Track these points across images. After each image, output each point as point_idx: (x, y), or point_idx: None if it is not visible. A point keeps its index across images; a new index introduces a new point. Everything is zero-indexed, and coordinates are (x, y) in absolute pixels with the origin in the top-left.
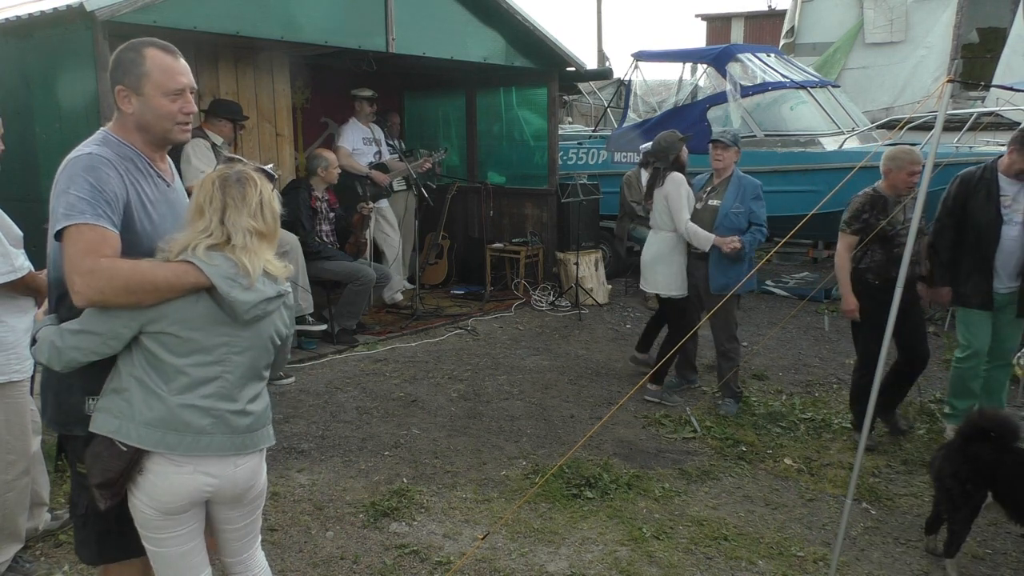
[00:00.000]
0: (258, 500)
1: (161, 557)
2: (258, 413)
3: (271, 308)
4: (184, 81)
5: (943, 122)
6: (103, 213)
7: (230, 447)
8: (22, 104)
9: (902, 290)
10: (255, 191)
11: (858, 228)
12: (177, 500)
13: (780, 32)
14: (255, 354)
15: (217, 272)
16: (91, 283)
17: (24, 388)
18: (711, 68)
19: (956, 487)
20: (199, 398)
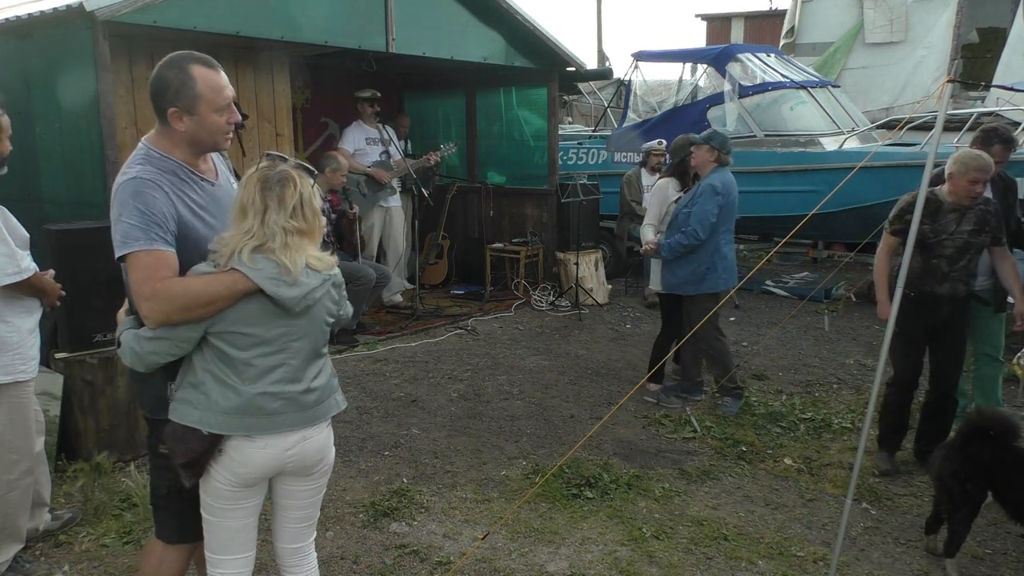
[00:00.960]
0: (327, 474)
1: (218, 528)
2: (323, 386)
3: (319, 295)
4: (230, 95)
5: (943, 122)
6: (156, 236)
7: (301, 422)
8: (22, 104)
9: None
10: (294, 191)
11: (899, 229)
12: (255, 471)
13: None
14: (313, 337)
15: (261, 275)
16: (155, 307)
17: (28, 388)
18: (711, 68)
19: (956, 487)
20: (268, 384)
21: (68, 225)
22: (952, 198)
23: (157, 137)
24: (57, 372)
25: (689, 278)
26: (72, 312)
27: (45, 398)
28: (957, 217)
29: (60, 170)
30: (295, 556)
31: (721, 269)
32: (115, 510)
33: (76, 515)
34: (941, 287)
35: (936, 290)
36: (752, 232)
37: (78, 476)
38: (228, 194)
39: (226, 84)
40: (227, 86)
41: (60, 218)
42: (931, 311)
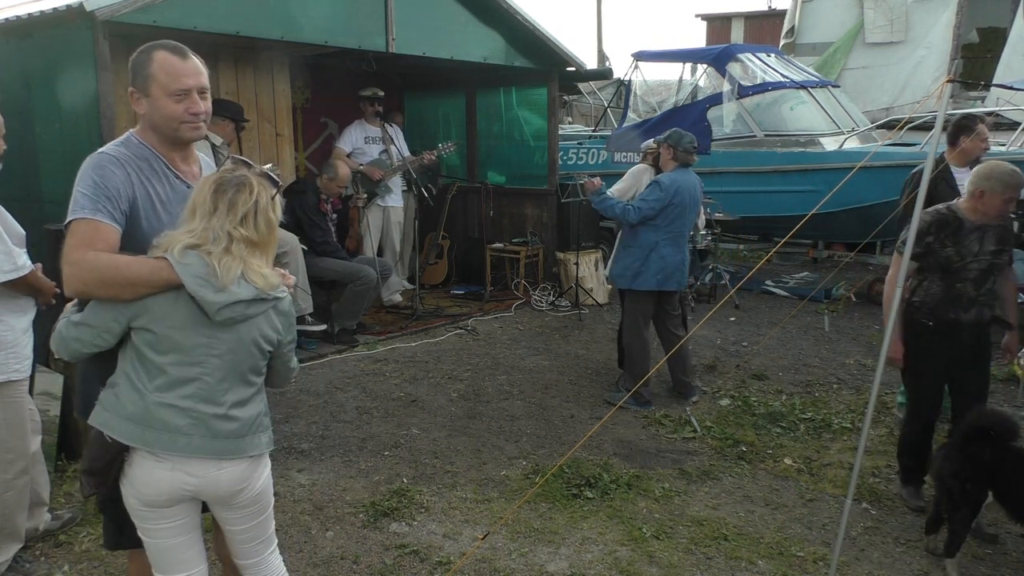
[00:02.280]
0: (255, 505)
1: (151, 547)
2: (245, 419)
3: (251, 312)
4: (188, 83)
5: (943, 122)
6: (102, 208)
7: (210, 451)
8: (22, 104)
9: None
10: (249, 197)
11: (917, 253)
12: (157, 494)
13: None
14: (237, 358)
15: (188, 271)
16: (75, 273)
17: (23, 388)
18: (711, 68)
19: (956, 487)
20: (178, 398)
21: None
22: (977, 216)
23: (138, 125)
24: (57, 372)
25: (624, 272)
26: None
27: (45, 398)
28: (979, 236)
29: (60, 170)
30: (254, 569)
31: (655, 270)
32: None
33: (76, 515)
34: (967, 314)
35: (961, 318)
36: (752, 232)
37: (78, 476)
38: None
39: (188, 72)
40: (188, 73)
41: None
42: (954, 341)
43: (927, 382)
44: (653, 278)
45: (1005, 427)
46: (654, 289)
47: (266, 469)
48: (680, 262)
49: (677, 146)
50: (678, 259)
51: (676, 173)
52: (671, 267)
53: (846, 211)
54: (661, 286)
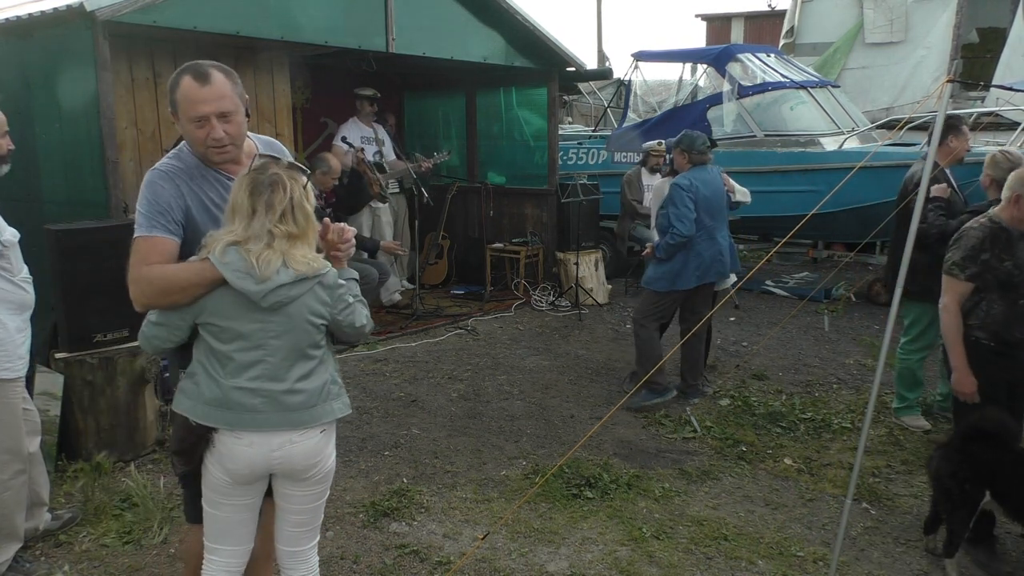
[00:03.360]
0: (323, 483)
1: (216, 520)
2: (312, 390)
3: (295, 293)
4: (204, 109)
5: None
6: (157, 223)
7: (284, 424)
8: (22, 104)
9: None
10: (284, 195)
11: (975, 273)
12: (242, 469)
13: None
14: (294, 336)
15: (228, 267)
16: (136, 291)
17: (16, 387)
18: (711, 68)
19: (955, 487)
20: (247, 380)
21: (68, 225)
22: (1014, 223)
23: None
24: (57, 372)
25: (663, 275)
26: (72, 312)
27: (45, 398)
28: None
29: (60, 170)
30: (293, 559)
31: (694, 267)
32: (115, 510)
33: (76, 515)
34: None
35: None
36: (752, 232)
37: (78, 476)
38: None
39: (204, 98)
40: (205, 100)
41: (60, 218)
42: (1016, 362)
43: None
44: (693, 275)
45: (1005, 428)
46: (695, 285)
47: (334, 448)
48: (717, 252)
49: (691, 150)
50: (713, 251)
51: (692, 172)
52: (708, 261)
53: (846, 211)
54: (701, 280)
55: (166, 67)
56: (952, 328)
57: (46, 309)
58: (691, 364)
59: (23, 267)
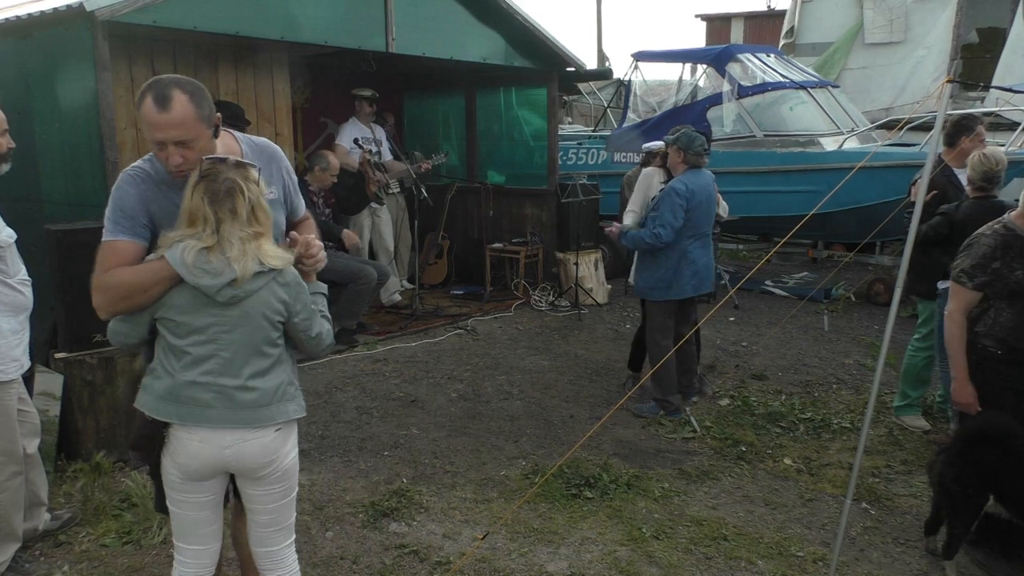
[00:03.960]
0: (283, 484)
1: (177, 518)
2: (266, 389)
3: (251, 287)
4: (160, 136)
5: (943, 122)
6: (120, 227)
7: (234, 420)
8: (22, 104)
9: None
10: (244, 200)
11: (984, 281)
12: (193, 465)
13: (780, 32)
14: (248, 331)
15: (183, 265)
16: (97, 299)
17: (12, 388)
18: (711, 68)
19: (958, 492)
20: (200, 374)
21: (68, 225)
22: None
23: None
24: (57, 372)
25: (657, 284)
26: (72, 312)
27: (45, 398)
28: None
29: (60, 170)
30: (268, 559)
31: (689, 275)
32: (115, 510)
33: (76, 515)
34: None
35: None
36: (752, 232)
37: (78, 476)
38: None
39: (162, 125)
40: (162, 127)
41: (60, 218)
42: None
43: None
44: (688, 285)
45: (1007, 431)
46: (690, 296)
47: (295, 447)
48: (708, 263)
49: (688, 150)
50: (706, 260)
51: (687, 176)
52: (703, 271)
53: (845, 211)
54: (697, 291)
55: (166, 67)
56: (955, 337)
57: (46, 309)
58: (685, 368)
59: (20, 268)
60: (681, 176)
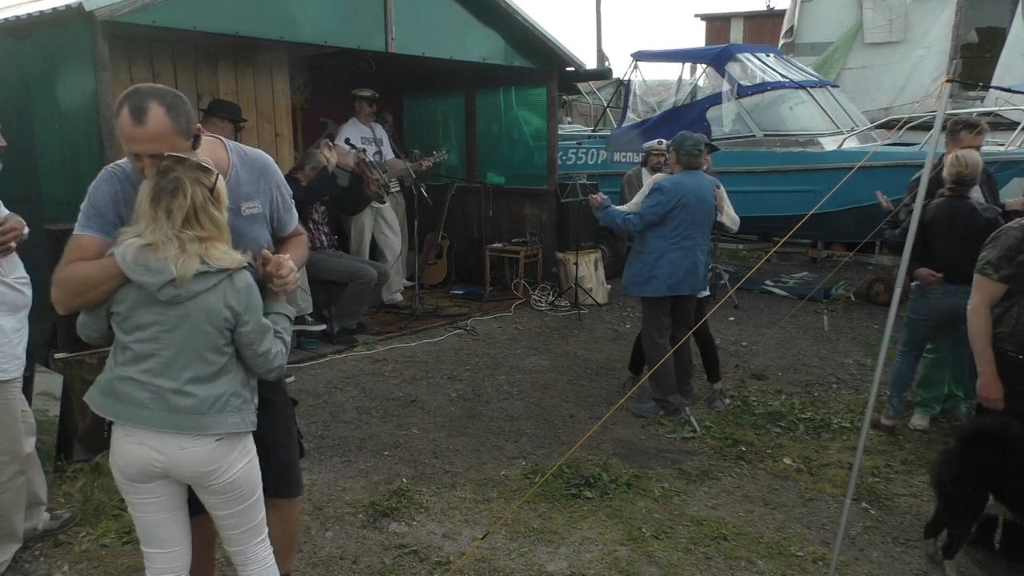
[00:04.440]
0: (233, 492)
1: (135, 520)
2: (204, 397)
3: (196, 288)
4: (135, 149)
5: (942, 122)
6: (89, 223)
7: (168, 425)
8: (21, 104)
9: None
10: (184, 200)
11: (1011, 274)
12: (130, 467)
13: (779, 32)
14: (189, 334)
15: (125, 262)
16: (55, 294)
17: (14, 388)
18: (710, 68)
19: (957, 493)
20: (138, 372)
21: (67, 225)
22: None
23: None
24: (56, 372)
25: (634, 279)
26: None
27: (44, 398)
28: None
29: (59, 170)
30: (242, 557)
31: (666, 275)
32: (114, 510)
33: (75, 515)
34: None
35: None
36: (752, 232)
37: (77, 476)
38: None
39: (138, 139)
40: (138, 140)
41: (59, 218)
42: None
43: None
44: (664, 283)
45: (1007, 431)
46: (666, 295)
47: (244, 457)
48: (692, 265)
49: (679, 150)
50: (688, 263)
51: (681, 176)
52: (681, 272)
53: (845, 211)
54: (673, 291)
55: (165, 67)
56: (981, 331)
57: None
58: (683, 372)
59: (18, 266)
60: (673, 175)
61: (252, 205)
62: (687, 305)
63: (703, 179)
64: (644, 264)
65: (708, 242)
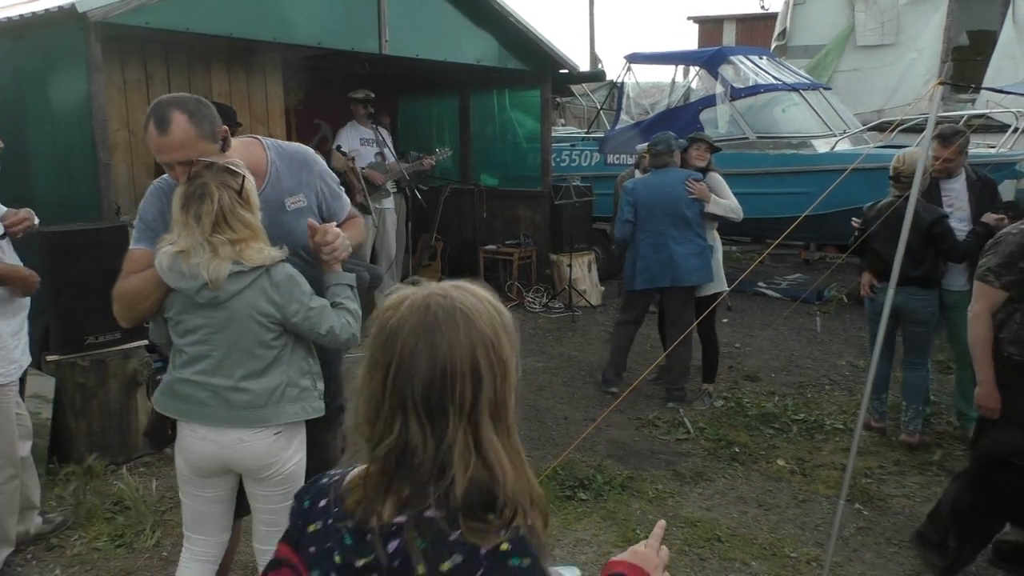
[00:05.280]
0: (284, 485)
1: (186, 509)
2: (259, 391)
3: (233, 288)
4: (164, 159)
5: (934, 124)
6: (141, 236)
7: (228, 420)
8: (15, 105)
9: None
10: (212, 205)
11: (1011, 280)
12: (198, 461)
13: (772, 34)
14: (236, 333)
15: (163, 270)
16: (115, 310)
17: (10, 391)
18: (703, 70)
19: (974, 520)
20: (194, 373)
21: (61, 227)
22: None
23: None
24: (49, 374)
25: (625, 276)
26: (64, 315)
27: (36, 400)
28: None
29: (52, 172)
30: (265, 557)
31: (640, 270)
32: (107, 513)
33: (68, 518)
34: None
35: None
36: (745, 234)
37: (70, 479)
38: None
39: (164, 148)
40: (165, 150)
41: (53, 220)
42: None
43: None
44: (640, 278)
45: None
46: (645, 288)
47: (299, 451)
48: (666, 259)
49: (650, 150)
50: (661, 256)
51: (649, 175)
52: (655, 266)
53: (838, 213)
54: (651, 284)
55: (158, 69)
56: (981, 338)
57: (38, 311)
58: (678, 372)
59: None
60: (642, 176)
61: (296, 199)
62: (676, 302)
63: (672, 175)
64: (628, 262)
65: (693, 234)
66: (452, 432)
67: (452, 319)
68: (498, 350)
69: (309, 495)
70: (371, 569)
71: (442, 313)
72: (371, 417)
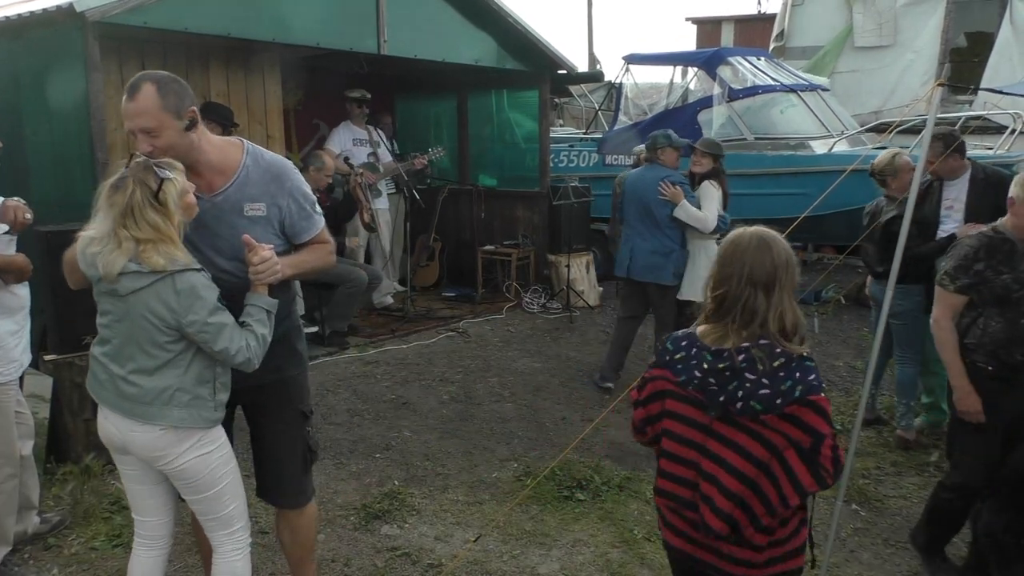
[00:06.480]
0: (187, 482)
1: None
2: (148, 388)
3: (131, 285)
4: (128, 125)
5: (932, 125)
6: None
7: (117, 407)
8: (12, 105)
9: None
10: (123, 197)
11: (966, 284)
12: (105, 436)
13: (770, 35)
14: (132, 327)
15: (78, 251)
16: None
17: (9, 390)
18: (701, 71)
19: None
20: (100, 353)
21: (58, 227)
22: (1020, 232)
23: None
24: (46, 374)
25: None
26: (61, 314)
27: (34, 400)
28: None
29: (50, 171)
30: (213, 542)
31: (618, 260)
32: (104, 513)
33: (65, 518)
34: None
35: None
36: None
37: (67, 479)
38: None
39: (129, 112)
40: (129, 114)
41: (50, 219)
42: (1017, 389)
43: (982, 440)
44: (619, 265)
45: None
46: (622, 275)
47: (198, 450)
48: (630, 251)
49: (647, 144)
50: (627, 248)
51: (638, 170)
52: (625, 258)
53: (835, 214)
54: (627, 274)
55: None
56: (947, 343)
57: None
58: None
59: None
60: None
61: (256, 207)
62: (653, 297)
63: (652, 172)
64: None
65: (661, 233)
66: (776, 298)
67: (775, 240)
68: (790, 258)
69: (671, 341)
70: (726, 369)
71: (768, 237)
72: (721, 297)
